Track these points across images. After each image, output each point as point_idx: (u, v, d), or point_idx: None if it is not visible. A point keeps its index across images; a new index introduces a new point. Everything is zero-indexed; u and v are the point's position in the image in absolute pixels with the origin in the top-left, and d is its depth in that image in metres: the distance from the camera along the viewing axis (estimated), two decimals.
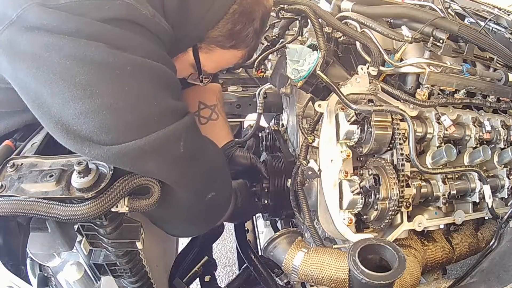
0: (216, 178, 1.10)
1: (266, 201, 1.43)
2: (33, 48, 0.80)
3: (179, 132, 0.89)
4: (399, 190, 1.09)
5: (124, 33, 0.86)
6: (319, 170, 1.14)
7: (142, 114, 0.85)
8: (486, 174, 1.28)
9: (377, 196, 1.10)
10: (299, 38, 1.47)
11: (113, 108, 0.81)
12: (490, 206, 1.21)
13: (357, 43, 1.27)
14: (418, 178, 1.21)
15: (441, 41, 1.17)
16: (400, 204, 1.10)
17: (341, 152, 1.13)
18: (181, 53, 1.11)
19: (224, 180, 1.15)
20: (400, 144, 1.13)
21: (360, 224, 1.21)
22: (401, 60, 1.21)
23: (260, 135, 1.76)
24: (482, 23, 1.32)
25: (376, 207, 1.11)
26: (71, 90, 0.79)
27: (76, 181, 0.81)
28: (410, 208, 1.15)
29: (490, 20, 1.38)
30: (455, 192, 1.21)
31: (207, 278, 1.67)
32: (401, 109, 1.15)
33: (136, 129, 0.83)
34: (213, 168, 1.08)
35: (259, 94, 1.67)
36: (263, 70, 1.69)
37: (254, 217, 2.03)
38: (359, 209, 1.13)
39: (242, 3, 1.04)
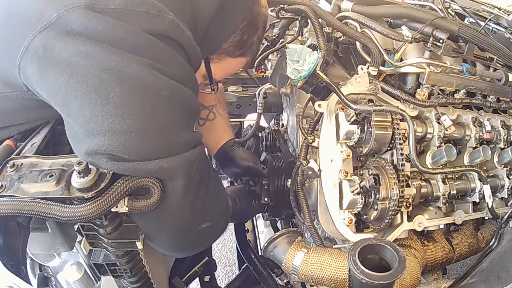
0: (215, 210, 1.10)
1: (266, 200, 1.42)
2: (69, 54, 0.76)
3: (194, 158, 0.90)
4: (399, 190, 1.09)
5: (168, 50, 0.86)
6: (319, 170, 1.14)
7: (168, 141, 0.85)
8: (486, 174, 1.28)
9: (377, 196, 1.10)
10: (299, 38, 1.47)
11: (142, 132, 0.80)
12: (490, 206, 1.21)
13: (357, 43, 1.27)
14: (418, 178, 1.21)
15: (441, 41, 1.18)
16: (400, 204, 1.10)
17: (341, 152, 1.13)
18: None
19: (221, 214, 1.14)
20: (400, 144, 1.13)
21: (360, 224, 1.21)
22: (401, 60, 1.21)
23: (260, 135, 1.76)
24: (482, 23, 1.32)
25: (376, 207, 1.11)
26: (103, 105, 0.76)
27: (76, 181, 0.81)
28: (410, 208, 1.15)
29: (490, 20, 1.37)
30: (455, 192, 1.22)
31: (207, 278, 1.67)
32: (401, 109, 1.15)
33: (159, 152, 0.84)
34: (215, 202, 1.08)
35: (259, 94, 1.67)
36: (263, 70, 1.69)
37: (254, 217, 2.03)
38: (359, 209, 1.13)
39: (249, 17, 1.11)
